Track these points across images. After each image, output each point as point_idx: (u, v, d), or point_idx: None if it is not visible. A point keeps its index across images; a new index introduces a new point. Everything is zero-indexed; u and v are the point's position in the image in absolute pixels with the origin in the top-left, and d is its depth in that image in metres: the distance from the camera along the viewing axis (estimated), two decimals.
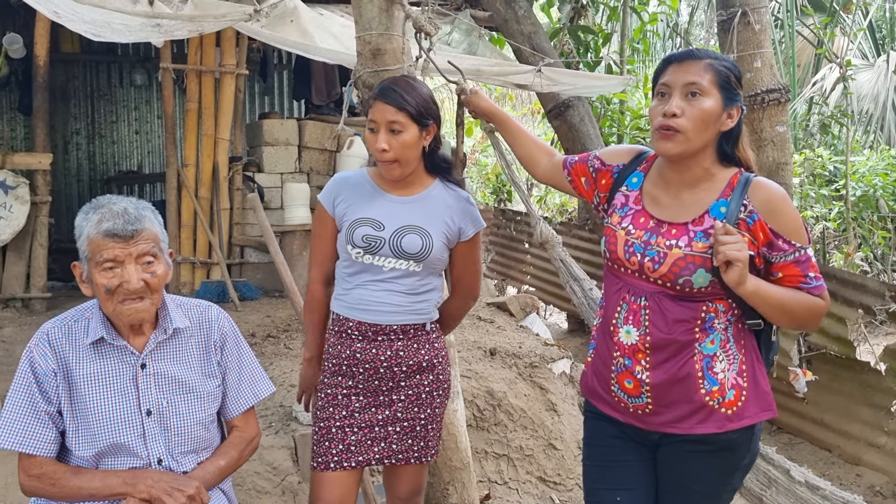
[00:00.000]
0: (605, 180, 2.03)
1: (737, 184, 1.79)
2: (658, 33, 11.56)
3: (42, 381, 1.84)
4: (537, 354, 4.48)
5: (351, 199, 2.20)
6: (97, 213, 1.82)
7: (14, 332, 4.92)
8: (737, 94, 1.79)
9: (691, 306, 1.79)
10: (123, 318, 1.84)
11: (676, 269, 1.76)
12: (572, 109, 6.57)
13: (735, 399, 1.81)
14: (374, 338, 2.17)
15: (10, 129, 8.47)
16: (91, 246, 1.81)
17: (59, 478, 1.83)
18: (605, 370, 1.93)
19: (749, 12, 4.73)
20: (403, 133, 2.09)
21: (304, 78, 7.80)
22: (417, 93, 2.12)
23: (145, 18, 4.09)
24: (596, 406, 2.00)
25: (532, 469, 3.87)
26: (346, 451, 2.18)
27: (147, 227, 1.85)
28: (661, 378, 1.81)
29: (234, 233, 6.28)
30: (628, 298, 1.86)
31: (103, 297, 1.82)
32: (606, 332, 1.92)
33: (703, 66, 1.77)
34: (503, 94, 15.50)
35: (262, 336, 4.84)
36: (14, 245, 5.39)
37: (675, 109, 1.76)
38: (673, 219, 1.83)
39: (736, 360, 1.82)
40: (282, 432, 3.48)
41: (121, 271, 1.80)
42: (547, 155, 2.26)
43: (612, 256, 1.90)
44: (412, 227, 2.14)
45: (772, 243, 1.75)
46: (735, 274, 1.67)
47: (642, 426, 1.89)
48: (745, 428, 1.82)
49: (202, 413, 1.97)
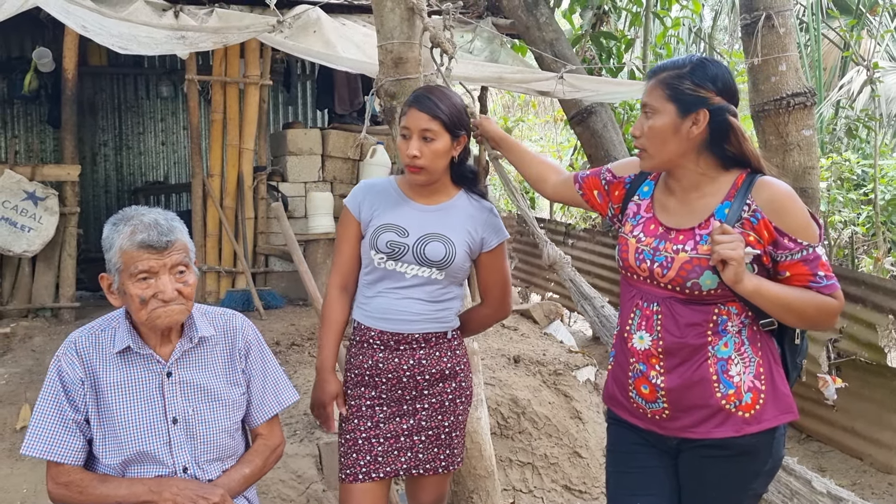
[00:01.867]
0: (618, 191, 2.06)
1: (741, 184, 1.80)
2: (681, 38, 11.49)
3: (69, 389, 1.86)
4: (561, 362, 4.46)
5: (377, 204, 2.21)
6: (128, 225, 1.84)
7: (43, 341, 4.99)
8: (698, 98, 1.77)
9: (702, 309, 1.79)
10: (159, 323, 1.86)
11: (684, 272, 1.78)
12: (595, 116, 6.56)
13: (752, 402, 1.80)
14: (396, 347, 2.17)
15: (40, 141, 8.61)
16: (124, 257, 1.82)
17: (86, 486, 1.84)
18: (623, 377, 1.94)
19: (773, 15, 4.68)
20: (436, 141, 2.10)
21: (327, 87, 7.85)
22: (451, 102, 2.14)
23: (171, 31, 4.15)
24: (617, 413, 2.01)
25: (557, 477, 3.85)
26: (373, 461, 2.17)
27: (179, 237, 1.87)
28: (675, 382, 1.82)
29: (259, 242, 6.33)
30: (641, 304, 1.88)
31: (137, 306, 1.84)
32: (622, 338, 1.94)
33: (654, 84, 1.83)
34: (526, 101, 15.50)
35: (287, 344, 4.87)
36: (43, 255, 5.47)
37: (636, 131, 1.87)
38: (681, 225, 1.84)
39: (752, 363, 1.81)
40: (306, 440, 3.49)
41: (155, 282, 1.83)
42: (555, 173, 2.30)
43: (625, 264, 1.93)
44: (436, 234, 2.14)
45: (777, 242, 1.74)
46: (731, 272, 1.68)
47: (661, 432, 1.89)
48: (765, 432, 1.80)
49: (227, 421, 1.98)
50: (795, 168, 4.76)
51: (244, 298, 5.79)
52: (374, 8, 2.65)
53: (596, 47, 7.78)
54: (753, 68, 4.78)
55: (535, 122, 15.77)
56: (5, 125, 8.43)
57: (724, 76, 1.80)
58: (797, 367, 1.92)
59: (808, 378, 4.57)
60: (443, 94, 2.15)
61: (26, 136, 8.55)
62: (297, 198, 6.56)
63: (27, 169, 5.37)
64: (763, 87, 4.76)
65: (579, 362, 4.55)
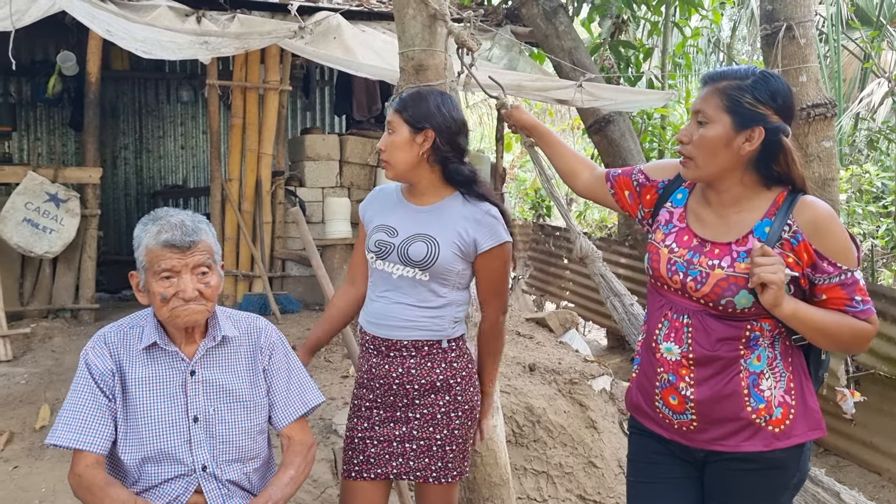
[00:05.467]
0: (650, 195, 2.02)
1: (782, 203, 1.75)
2: (700, 48, 11.46)
3: (100, 380, 1.89)
4: (577, 371, 4.45)
5: (378, 207, 2.29)
6: (156, 224, 1.88)
7: (63, 342, 5.03)
8: (757, 114, 1.71)
9: (736, 325, 1.77)
10: (179, 321, 1.88)
11: (719, 289, 1.74)
12: (613, 125, 6.54)
13: (783, 417, 1.78)
14: (386, 353, 2.19)
15: (62, 143, 8.71)
16: (149, 256, 1.86)
17: (93, 483, 1.83)
18: (649, 386, 1.91)
19: (794, 26, 4.67)
20: (395, 133, 2.15)
21: (346, 94, 7.89)
22: (419, 97, 2.16)
23: (194, 36, 4.19)
24: (640, 422, 1.98)
25: (572, 487, 3.83)
26: (365, 462, 2.21)
27: (203, 238, 1.90)
28: (705, 394, 1.79)
29: (276, 246, 6.36)
30: (670, 315, 1.85)
31: (158, 304, 1.87)
32: (649, 347, 1.91)
33: (712, 92, 1.76)
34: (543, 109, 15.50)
35: None
36: (64, 257, 5.51)
37: (683, 137, 1.80)
38: (716, 238, 1.80)
39: (783, 378, 1.79)
40: (322, 444, 3.50)
41: (177, 281, 1.86)
42: (588, 168, 2.26)
43: (655, 274, 1.89)
44: (422, 235, 2.15)
45: (816, 265, 1.71)
46: (770, 296, 1.64)
47: (687, 443, 1.87)
48: (794, 447, 1.79)
49: (248, 422, 1.99)
50: (815, 179, 4.74)
51: (261, 302, 5.82)
52: (396, 15, 2.67)
53: (614, 56, 7.78)
54: None
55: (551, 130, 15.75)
56: (28, 128, 8.54)
57: (784, 93, 1.74)
58: (819, 381, 1.90)
59: (826, 392, 4.54)
60: (414, 92, 2.19)
61: (48, 138, 8.65)
62: (314, 203, 6.59)
63: (49, 171, 5.42)
64: None
65: (595, 371, 4.54)
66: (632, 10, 7.80)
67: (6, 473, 3.27)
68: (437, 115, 2.14)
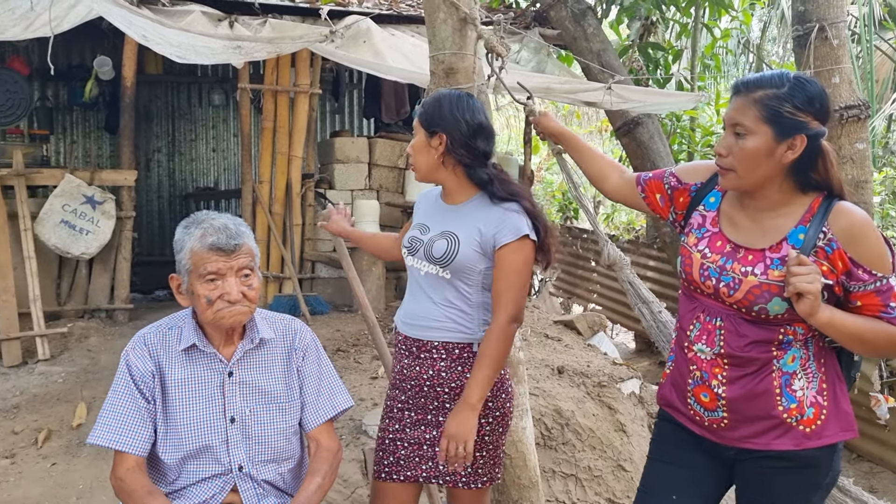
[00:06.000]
0: (683, 198, 2.02)
1: (818, 209, 1.74)
2: (730, 49, 11.34)
3: (139, 381, 1.92)
4: (606, 374, 4.43)
5: (421, 205, 2.36)
6: (199, 227, 1.91)
7: (99, 341, 5.13)
8: (797, 122, 1.68)
9: (769, 329, 1.77)
10: (224, 323, 1.92)
11: (751, 296, 1.75)
12: (642, 127, 6.51)
13: (814, 417, 1.78)
14: (417, 354, 2.21)
15: (97, 147, 8.87)
16: (194, 259, 1.89)
17: (135, 490, 1.86)
18: (682, 382, 1.93)
19: (827, 27, 4.62)
20: (414, 137, 2.24)
21: (374, 97, 7.95)
22: (435, 101, 2.21)
23: (227, 41, 4.25)
24: (671, 415, 2.00)
25: (601, 490, 3.82)
26: (395, 464, 2.22)
27: (246, 242, 1.94)
28: (737, 393, 1.80)
29: (306, 248, 6.43)
30: (702, 318, 1.86)
31: (203, 306, 1.90)
32: (682, 346, 1.93)
33: (748, 102, 1.72)
34: (571, 111, 15.45)
35: (332, 350, 4.93)
36: (100, 258, 5.62)
37: (721, 150, 1.77)
38: (750, 244, 1.80)
39: (815, 379, 1.80)
40: (352, 445, 3.53)
41: (222, 283, 1.89)
42: (616, 171, 2.27)
43: (689, 278, 1.90)
44: (446, 232, 2.18)
45: (850, 272, 1.70)
46: (806, 306, 1.63)
47: (718, 440, 1.88)
48: (826, 447, 1.79)
49: (283, 423, 2.02)
50: (848, 182, 4.68)
51: (291, 303, 5.88)
52: (427, 19, 2.69)
53: (643, 58, 7.74)
54: None
55: (578, 132, 15.71)
56: (65, 131, 8.70)
57: (821, 97, 1.72)
58: (850, 381, 1.90)
59: (859, 397, 4.47)
60: (436, 97, 2.23)
61: (84, 141, 8.82)
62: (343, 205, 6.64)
63: (86, 174, 5.53)
64: None
65: (624, 374, 4.52)
66: (661, 12, 7.75)
67: (45, 470, 3.35)
68: (449, 119, 2.15)
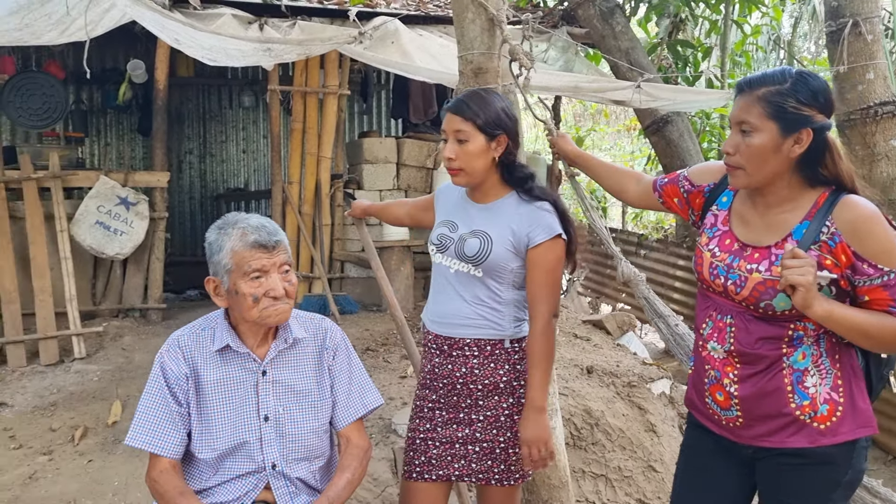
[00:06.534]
0: (698, 200, 2.05)
1: (823, 203, 1.74)
2: (760, 46, 11.21)
3: (173, 384, 1.95)
4: (635, 374, 4.41)
5: (444, 201, 2.35)
6: (236, 228, 1.93)
7: (133, 340, 5.22)
8: (802, 116, 1.70)
9: (778, 325, 1.78)
10: (270, 320, 1.94)
11: (756, 293, 1.76)
12: (671, 125, 6.47)
13: (829, 414, 1.77)
14: (449, 352, 2.21)
15: (131, 149, 9.02)
16: (236, 258, 1.91)
17: (167, 490, 1.90)
18: (699, 383, 1.96)
19: (861, 22, 4.55)
20: (469, 143, 2.14)
21: (402, 97, 7.99)
22: (486, 103, 2.15)
23: (257, 43, 4.30)
24: (696, 418, 2.03)
25: (631, 491, 3.80)
26: (427, 463, 2.22)
27: (283, 238, 1.98)
28: (748, 391, 1.81)
29: (335, 248, 6.47)
30: (714, 316, 1.89)
31: (249, 305, 1.92)
32: (697, 346, 1.96)
33: (752, 100, 1.74)
34: (598, 110, 15.37)
35: (361, 349, 4.96)
36: (134, 258, 5.72)
37: (729, 149, 1.79)
38: (757, 242, 1.81)
39: (829, 375, 1.79)
40: (382, 444, 3.55)
41: (265, 280, 1.92)
42: (633, 182, 2.30)
43: (700, 277, 1.93)
44: (478, 231, 2.18)
45: (854, 266, 1.68)
46: (800, 298, 1.63)
47: (735, 439, 1.90)
48: (844, 443, 1.77)
49: (315, 422, 2.05)
50: (883, 179, 4.61)
51: (320, 303, 5.93)
52: (455, 19, 2.69)
53: (672, 55, 7.68)
54: (839, 77, 4.65)
55: (606, 131, 15.62)
56: (99, 134, 8.87)
57: (825, 91, 1.73)
58: (882, 379, 1.88)
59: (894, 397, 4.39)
60: (478, 97, 2.18)
61: (118, 143, 8.98)
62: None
63: (120, 175, 5.63)
64: (849, 95, 4.63)
65: (654, 374, 4.49)
66: (690, 9, 7.69)
67: (81, 467, 3.41)
68: (507, 120, 2.17)
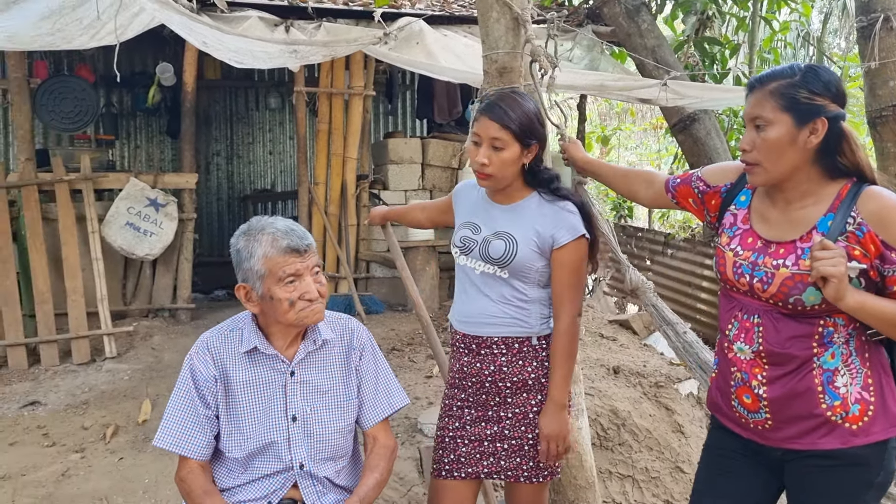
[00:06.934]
0: (715, 200, 2.02)
1: (846, 195, 1.73)
2: (789, 42, 11.06)
3: (202, 386, 1.98)
4: (662, 374, 4.38)
5: (464, 202, 2.35)
6: (265, 234, 1.94)
7: (162, 340, 5.29)
8: (815, 106, 1.70)
9: (808, 322, 1.75)
10: (307, 322, 1.96)
11: (785, 288, 1.73)
12: (698, 123, 6.40)
13: (860, 414, 1.74)
14: (477, 351, 2.22)
15: (160, 151, 9.14)
16: (269, 264, 1.92)
17: (193, 489, 1.93)
18: (725, 385, 1.93)
19: (892, 17, 4.47)
20: (505, 150, 2.12)
21: (427, 98, 8.00)
22: (523, 111, 2.13)
23: (283, 45, 4.33)
24: (720, 421, 2.00)
25: (658, 492, 3.78)
26: (456, 461, 2.24)
27: (312, 241, 2.00)
28: (778, 393, 1.79)
29: (361, 248, 6.51)
30: (740, 316, 1.86)
31: (285, 309, 1.93)
32: (722, 348, 1.92)
33: (764, 95, 1.75)
34: (624, 108, 15.27)
35: (387, 349, 4.98)
36: (163, 259, 5.80)
37: (745, 145, 1.79)
38: (780, 238, 1.79)
39: (860, 375, 1.76)
40: (407, 443, 3.57)
41: (300, 283, 1.93)
42: (645, 185, 2.28)
43: (723, 277, 1.90)
44: (502, 233, 2.18)
45: (883, 256, 1.67)
46: (832, 289, 1.61)
47: (763, 442, 1.87)
48: (876, 444, 1.75)
49: (342, 422, 2.06)
50: None
51: (346, 303, 5.96)
52: (480, 19, 2.69)
53: (699, 53, 7.60)
54: (870, 72, 4.57)
55: (632, 129, 15.52)
56: (129, 136, 9.00)
57: (836, 81, 1.74)
58: None
59: None
60: (514, 102, 2.15)
61: (147, 146, 9.10)
62: (397, 206, 6.70)
63: (149, 177, 5.71)
64: (881, 91, 4.55)
65: (681, 375, 4.46)
66: (717, 6, 7.60)
67: (113, 465, 3.46)
68: (540, 128, 2.17)
